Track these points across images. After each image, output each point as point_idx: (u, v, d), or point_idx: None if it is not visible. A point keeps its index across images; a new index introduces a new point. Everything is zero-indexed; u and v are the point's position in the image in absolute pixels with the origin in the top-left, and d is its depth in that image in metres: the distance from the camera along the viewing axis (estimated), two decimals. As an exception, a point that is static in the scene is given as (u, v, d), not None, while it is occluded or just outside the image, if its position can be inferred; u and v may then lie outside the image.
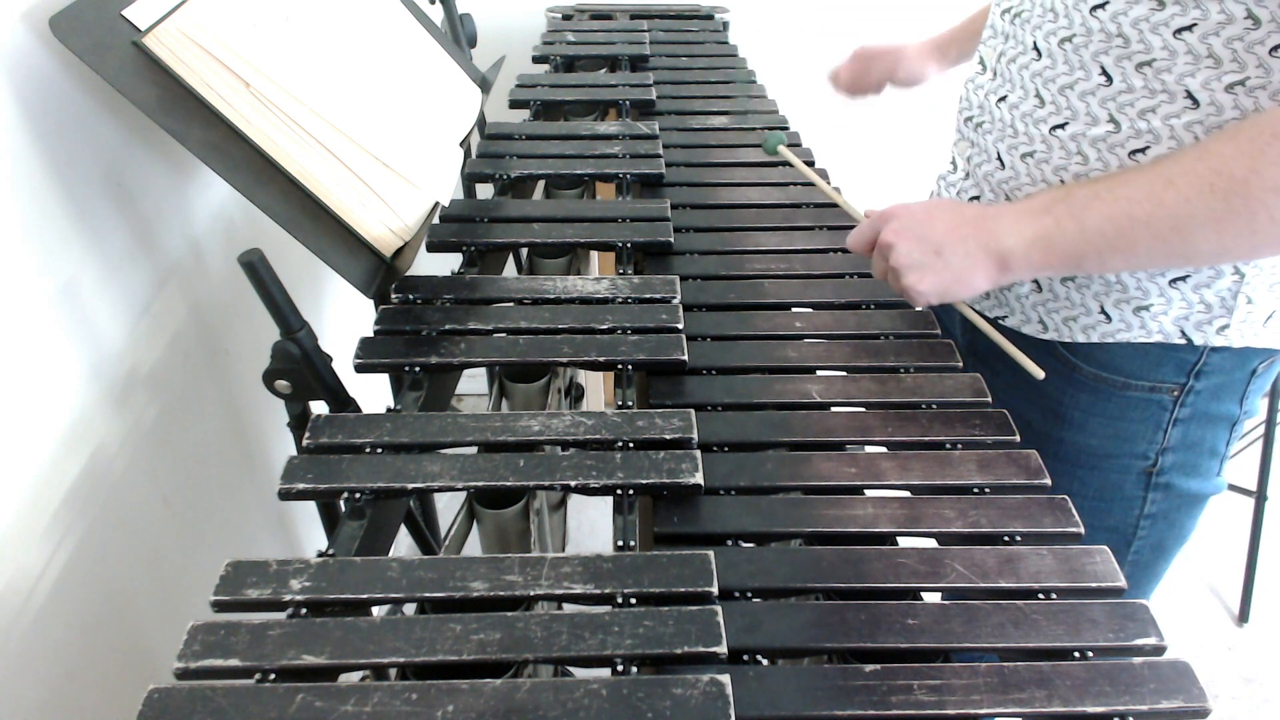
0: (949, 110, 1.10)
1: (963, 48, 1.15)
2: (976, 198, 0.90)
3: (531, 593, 0.59)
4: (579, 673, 0.58)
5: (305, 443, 0.71)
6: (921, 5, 1.89)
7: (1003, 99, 0.84)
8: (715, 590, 0.60)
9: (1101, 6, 0.73)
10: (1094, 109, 0.76)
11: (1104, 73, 0.74)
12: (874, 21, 1.92)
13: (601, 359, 0.80)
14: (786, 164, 0.98)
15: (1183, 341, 0.81)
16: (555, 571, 0.60)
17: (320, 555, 0.63)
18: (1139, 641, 0.58)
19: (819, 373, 0.82)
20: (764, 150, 0.96)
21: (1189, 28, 0.69)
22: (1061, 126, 0.78)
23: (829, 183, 0.95)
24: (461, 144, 1.05)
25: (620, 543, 0.66)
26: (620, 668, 0.55)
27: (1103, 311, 0.82)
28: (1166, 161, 0.68)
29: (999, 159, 0.85)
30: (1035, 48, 0.80)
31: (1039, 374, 0.78)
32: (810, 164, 1.02)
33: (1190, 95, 0.71)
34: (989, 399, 0.79)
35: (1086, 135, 0.77)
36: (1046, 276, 0.83)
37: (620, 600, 0.59)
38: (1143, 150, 0.74)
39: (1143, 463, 0.87)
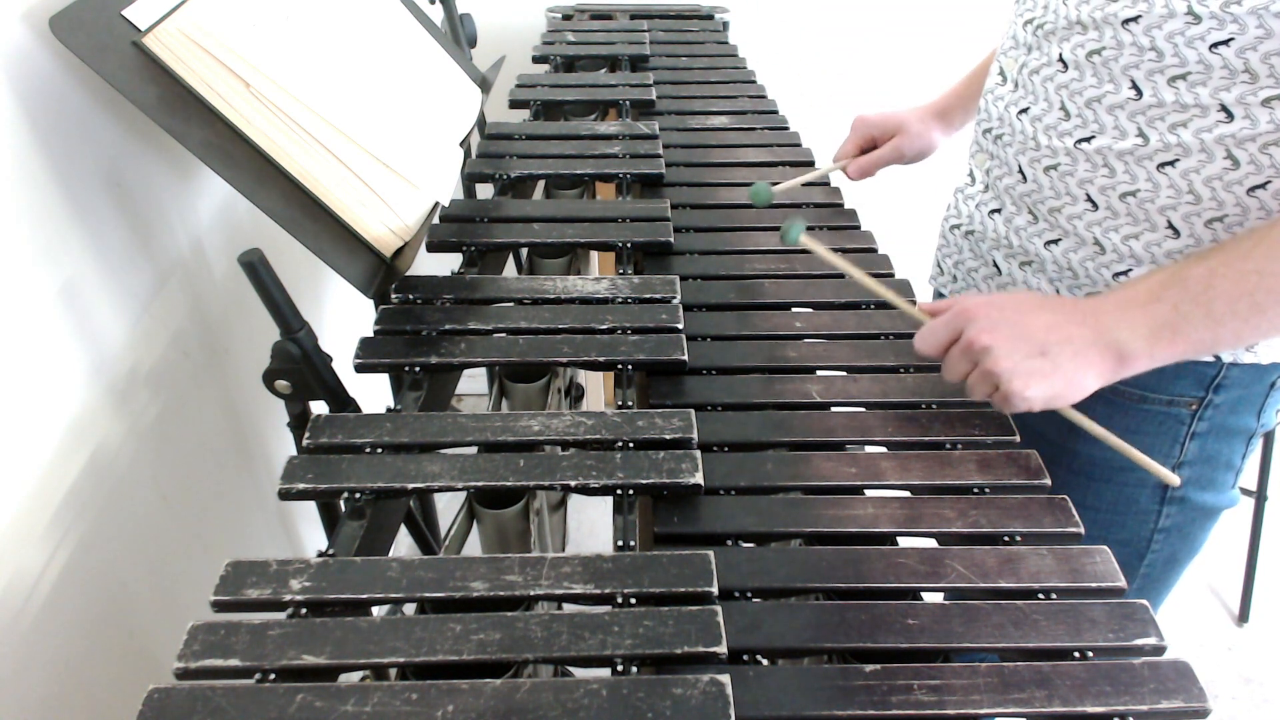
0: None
1: (966, 115, 1.10)
2: (997, 210, 0.89)
3: (531, 593, 0.59)
4: (579, 673, 0.58)
5: (305, 443, 0.71)
6: (922, 5, 1.89)
7: (1024, 111, 0.83)
8: (715, 590, 0.60)
9: (1134, 20, 0.71)
10: (1122, 122, 0.75)
11: (1134, 86, 0.73)
12: (874, 21, 1.92)
13: (601, 359, 0.80)
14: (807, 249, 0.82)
15: (1210, 359, 0.80)
16: (555, 571, 0.60)
17: (320, 555, 0.63)
18: (1139, 641, 0.58)
19: (819, 373, 0.82)
20: (783, 240, 0.81)
21: (1225, 42, 0.67)
22: (1088, 140, 0.77)
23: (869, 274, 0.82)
24: (461, 144, 1.05)
25: (620, 543, 0.66)
26: (620, 668, 0.55)
27: None
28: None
29: (1020, 172, 0.84)
30: (1061, 60, 0.78)
31: (1174, 480, 0.73)
32: (843, 251, 0.87)
33: (1225, 109, 0.69)
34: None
35: (1113, 149, 0.76)
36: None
37: (620, 600, 0.59)
38: (1171, 163, 0.73)
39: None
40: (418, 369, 0.80)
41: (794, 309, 0.90)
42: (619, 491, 0.68)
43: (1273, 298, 0.65)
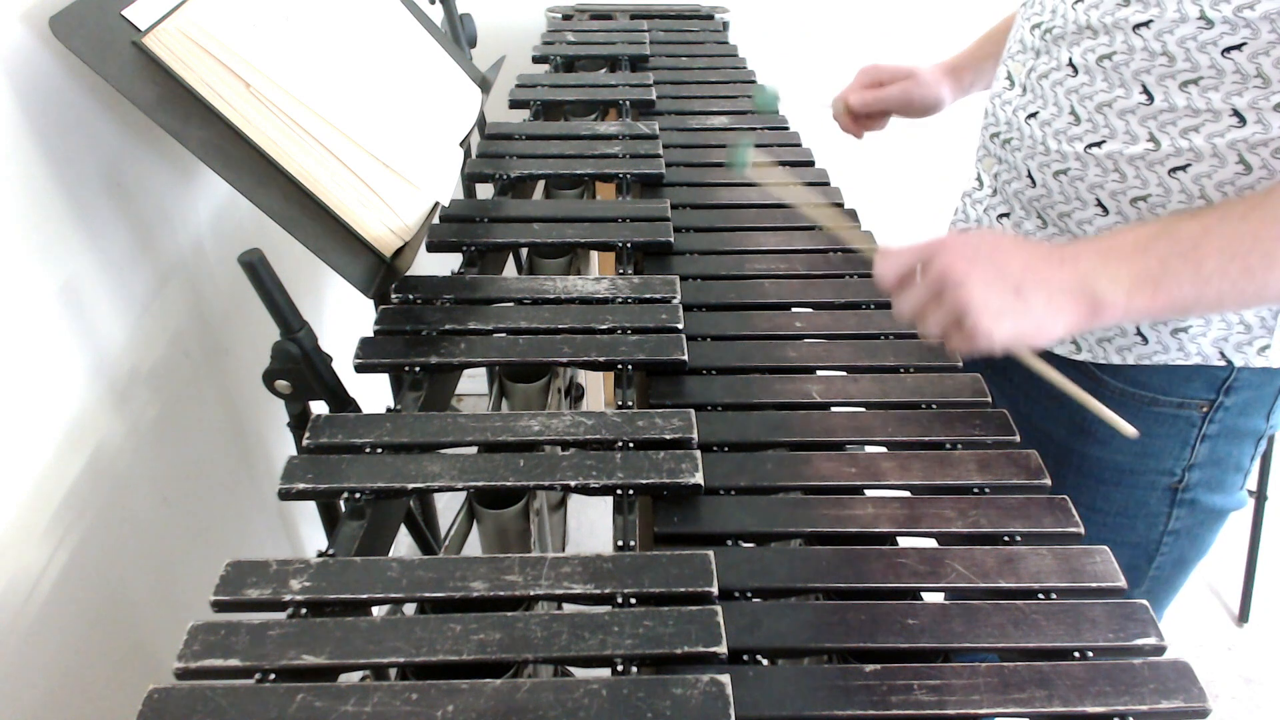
0: (963, 119, 1.09)
1: (976, 74, 1.07)
2: (1005, 215, 0.88)
3: (531, 593, 0.59)
4: (579, 673, 0.58)
5: (305, 443, 0.71)
6: (922, 5, 1.89)
7: (1033, 115, 0.82)
8: (715, 590, 0.60)
9: (1145, 25, 0.71)
10: (1133, 127, 0.74)
11: (1145, 91, 0.73)
12: (873, 21, 1.92)
13: (601, 359, 0.80)
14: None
15: (1222, 363, 0.79)
16: (555, 571, 0.60)
17: (320, 555, 0.63)
18: (1139, 641, 0.58)
19: (819, 373, 0.82)
20: (733, 165, 0.81)
21: (1238, 46, 0.67)
22: (1098, 144, 0.77)
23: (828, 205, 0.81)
24: (461, 144, 1.05)
25: (620, 543, 0.66)
26: (620, 668, 0.55)
27: (1139, 333, 0.81)
28: (1278, 193, 0.65)
29: (1029, 176, 0.83)
30: (1071, 64, 0.77)
31: (1131, 432, 0.70)
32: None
33: (1237, 113, 0.69)
34: (989, 399, 0.79)
35: (1124, 153, 0.75)
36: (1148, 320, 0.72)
37: (620, 600, 0.59)
38: (1183, 168, 0.73)
39: (1169, 479, 0.86)
40: (418, 369, 0.80)
41: (794, 309, 0.90)
42: (619, 491, 0.68)
43: (1266, 262, 0.63)
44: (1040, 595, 0.62)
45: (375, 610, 0.61)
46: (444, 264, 0.96)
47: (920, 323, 0.67)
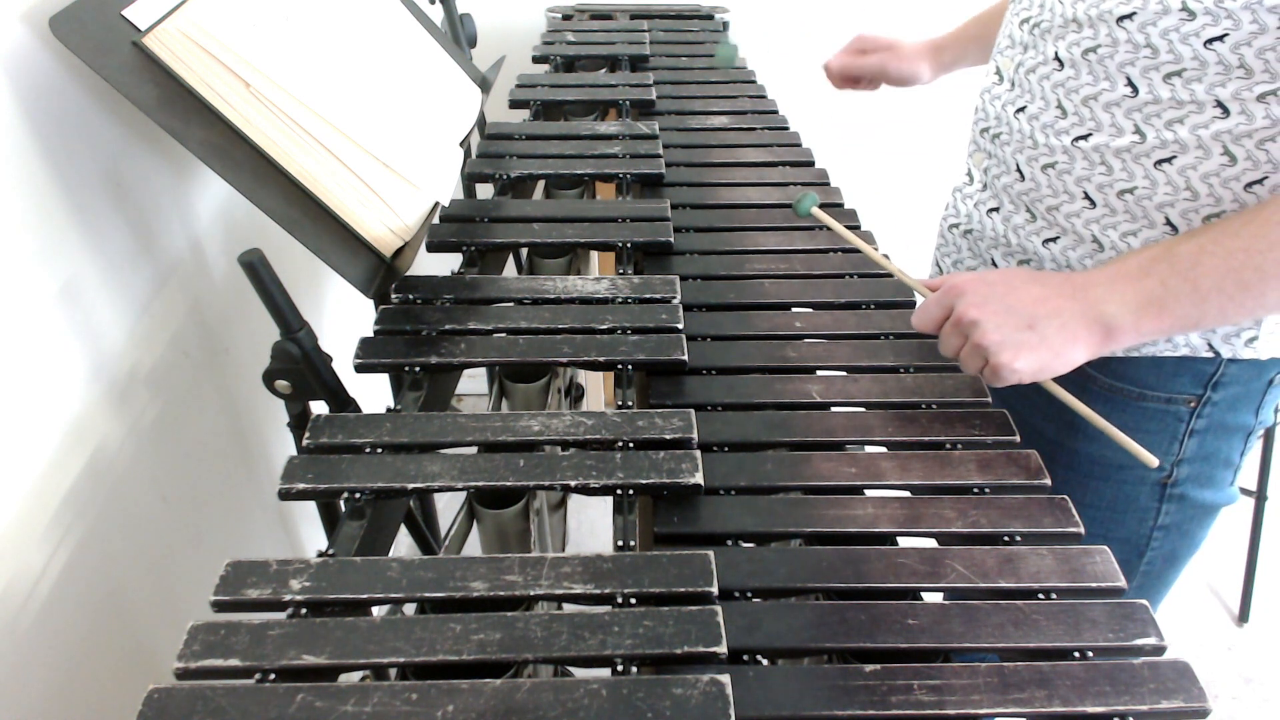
0: (956, 116, 1.10)
1: (959, 54, 1.13)
2: (995, 209, 0.89)
3: (531, 593, 0.59)
4: (579, 673, 0.58)
5: (305, 443, 0.71)
6: (922, 4, 1.89)
7: (1021, 110, 0.83)
8: (715, 590, 0.60)
9: (1129, 17, 0.71)
10: (1119, 119, 0.75)
11: (1130, 83, 0.73)
12: (874, 21, 1.92)
13: (601, 359, 0.80)
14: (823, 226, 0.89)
15: (1209, 355, 0.80)
16: (555, 571, 0.60)
17: (320, 555, 0.63)
18: (1139, 641, 0.58)
19: (819, 373, 0.82)
20: (795, 212, 0.88)
21: (1220, 38, 0.67)
22: (1084, 138, 0.77)
23: (875, 247, 0.87)
24: (461, 144, 1.05)
25: (620, 543, 0.66)
26: (620, 668, 0.55)
27: None
28: (1272, 206, 0.67)
29: (1018, 170, 0.84)
30: (1057, 58, 0.78)
31: (1153, 462, 0.73)
32: (853, 228, 0.93)
33: (1220, 105, 0.70)
34: (989, 399, 0.79)
35: (1110, 146, 0.76)
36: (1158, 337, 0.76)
37: (620, 600, 0.59)
38: (1169, 160, 0.73)
39: (1157, 474, 0.86)
40: (418, 369, 0.80)
41: (794, 309, 0.90)
42: (619, 491, 0.68)
43: (1258, 275, 0.66)
44: (1040, 595, 0.62)
45: (375, 610, 0.61)
46: (444, 264, 0.96)
47: (960, 364, 0.73)
